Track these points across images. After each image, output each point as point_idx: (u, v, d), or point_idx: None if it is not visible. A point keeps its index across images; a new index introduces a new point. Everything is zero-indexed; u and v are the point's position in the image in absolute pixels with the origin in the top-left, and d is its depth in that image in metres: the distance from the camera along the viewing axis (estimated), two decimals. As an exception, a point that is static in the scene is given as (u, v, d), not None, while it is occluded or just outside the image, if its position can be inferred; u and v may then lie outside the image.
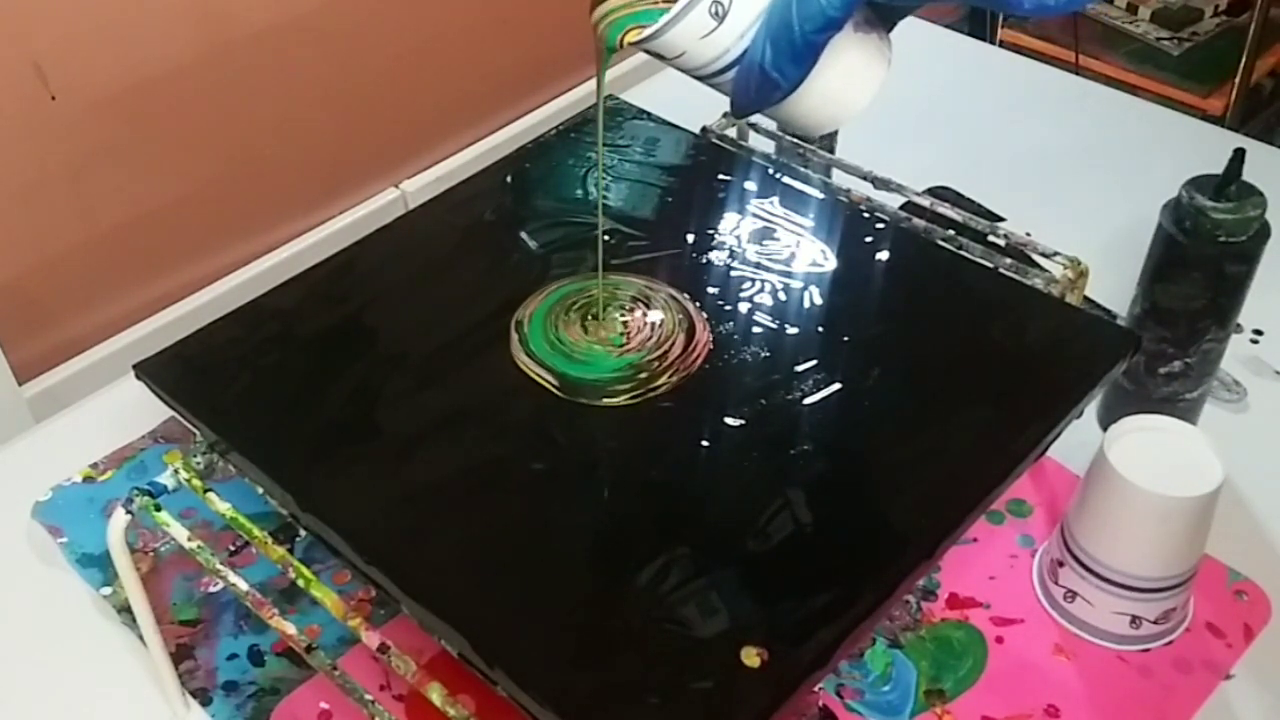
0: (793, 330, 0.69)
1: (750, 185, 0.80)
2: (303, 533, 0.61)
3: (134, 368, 0.67)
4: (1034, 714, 0.66)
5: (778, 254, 0.74)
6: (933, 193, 0.96)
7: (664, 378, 0.66)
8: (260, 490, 0.63)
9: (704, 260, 0.74)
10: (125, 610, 0.72)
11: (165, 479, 0.62)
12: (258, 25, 1.22)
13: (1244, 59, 1.75)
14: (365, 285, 0.74)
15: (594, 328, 0.69)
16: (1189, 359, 0.76)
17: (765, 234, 0.76)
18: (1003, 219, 0.99)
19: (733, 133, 0.85)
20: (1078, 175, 1.06)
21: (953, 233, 0.75)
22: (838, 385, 0.65)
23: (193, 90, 1.19)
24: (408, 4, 1.35)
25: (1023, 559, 0.74)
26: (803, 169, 0.82)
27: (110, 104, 1.14)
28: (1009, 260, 0.74)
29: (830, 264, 0.74)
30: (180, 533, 0.61)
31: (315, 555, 0.71)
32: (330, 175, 1.38)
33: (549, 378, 0.66)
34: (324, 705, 0.67)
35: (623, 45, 0.55)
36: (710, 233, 0.76)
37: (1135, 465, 0.65)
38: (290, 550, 0.66)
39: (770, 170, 0.81)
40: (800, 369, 0.66)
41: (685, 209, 0.79)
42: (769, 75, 0.49)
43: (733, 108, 0.52)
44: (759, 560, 0.57)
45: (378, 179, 1.44)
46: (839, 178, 0.82)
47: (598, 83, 0.63)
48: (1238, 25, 1.88)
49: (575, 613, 0.56)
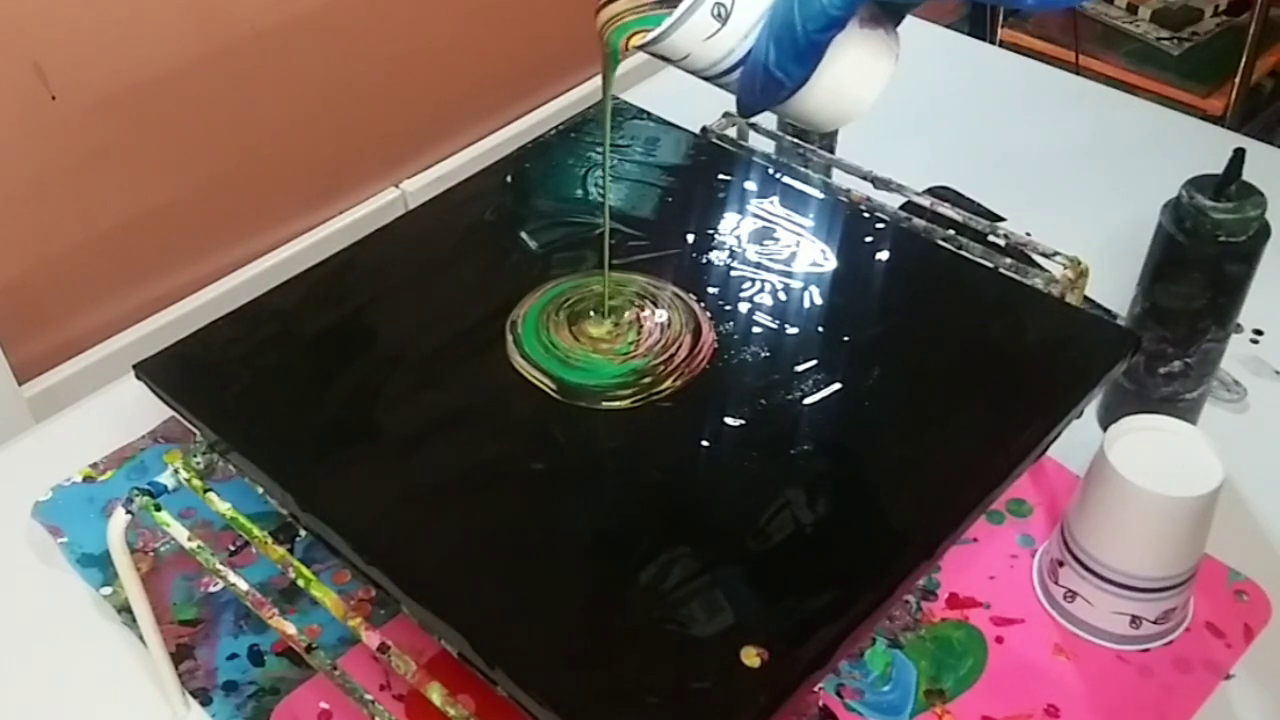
0: (793, 330, 0.69)
1: (750, 185, 0.80)
2: (303, 533, 0.61)
3: (134, 368, 0.67)
4: (1034, 714, 0.66)
5: (778, 254, 0.74)
6: (933, 193, 0.96)
7: (668, 381, 0.65)
8: (260, 490, 0.63)
9: (704, 260, 0.74)
10: (125, 610, 0.72)
11: (165, 479, 0.62)
12: (258, 25, 1.22)
13: (1244, 59, 1.75)
14: (365, 285, 0.74)
15: (593, 329, 0.69)
16: (1189, 359, 0.76)
17: (765, 234, 0.76)
18: (1003, 219, 0.99)
19: (733, 133, 0.85)
20: (1078, 175, 1.06)
21: (953, 233, 0.75)
22: (837, 385, 0.65)
23: (193, 90, 1.19)
24: (408, 4, 1.35)
25: (1023, 559, 0.74)
26: (803, 169, 0.82)
27: (110, 104, 1.14)
28: (1009, 260, 0.74)
29: (830, 264, 0.74)
30: (180, 533, 0.61)
31: (315, 555, 0.71)
32: (330, 175, 1.38)
33: (546, 381, 0.66)
34: (324, 705, 0.67)
35: (628, 49, 0.55)
36: (710, 233, 0.76)
37: (1135, 465, 0.65)
38: (290, 550, 0.66)
39: (770, 170, 0.81)
40: (800, 369, 0.66)
41: (685, 209, 0.79)
42: (773, 75, 0.49)
43: (739, 107, 0.52)
44: (759, 560, 0.57)
45: (378, 179, 1.44)
46: (839, 177, 0.82)
47: (604, 87, 0.63)
48: (1238, 25, 1.88)
49: (575, 613, 0.56)
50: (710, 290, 0.71)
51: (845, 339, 0.69)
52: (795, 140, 0.87)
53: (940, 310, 0.71)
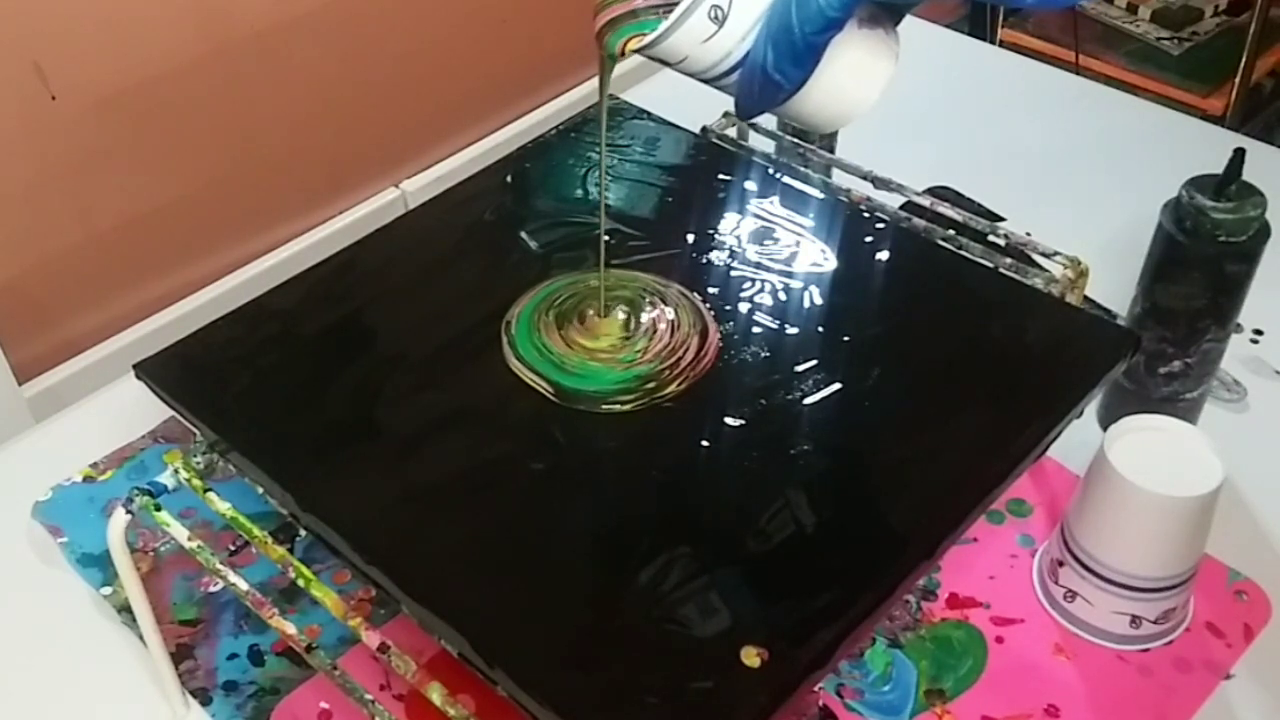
0: (793, 330, 0.69)
1: (750, 185, 0.80)
2: (303, 533, 0.61)
3: (134, 368, 0.67)
4: (1034, 714, 0.66)
5: (778, 254, 0.74)
6: (933, 192, 0.96)
7: (672, 386, 0.65)
8: (260, 490, 0.63)
9: (704, 260, 0.74)
10: (125, 610, 0.72)
11: (165, 479, 0.62)
12: (258, 25, 1.22)
13: (1244, 59, 1.75)
14: (365, 285, 0.74)
15: (589, 339, 0.68)
16: (1189, 359, 0.76)
17: (765, 234, 0.76)
18: (1003, 219, 0.99)
19: (733, 133, 0.85)
20: (1078, 175, 1.06)
21: (953, 233, 0.75)
22: (837, 385, 0.65)
23: (193, 90, 1.19)
24: (408, 4, 1.35)
25: (1023, 559, 0.74)
26: (803, 169, 0.82)
27: (110, 104, 1.14)
28: (1009, 260, 0.74)
29: (830, 264, 0.74)
30: (180, 532, 0.61)
31: (315, 555, 0.71)
32: (330, 175, 1.38)
33: (544, 384, 0.65)
34: (324, 705, 0.67)
35: (624, 54, 0.55)
36: (710, 233, 0.76)
37: (1135, 465, 0.65)
38: (290, 550, 0.66)
39: (770, 170, 0.81)
40: (800, 369, 0.66)
41: (685, 209, 0.79)
42: (771, 77, 0.49)
43: (737, 110, 0.52)
44: (759, 560, 0.57)
45: (378, 179, 1.43)
46: (839, 177, 0.82)
47: (600, 90, 0.63)
48: (1238, 25, 1.88)
49: (575, 613, 0.56)
50: (710, 290, 0.71)
51: (845, 339, 0.69)
52: (795, 140, 0.87)
53: (940, 310, 0.71)
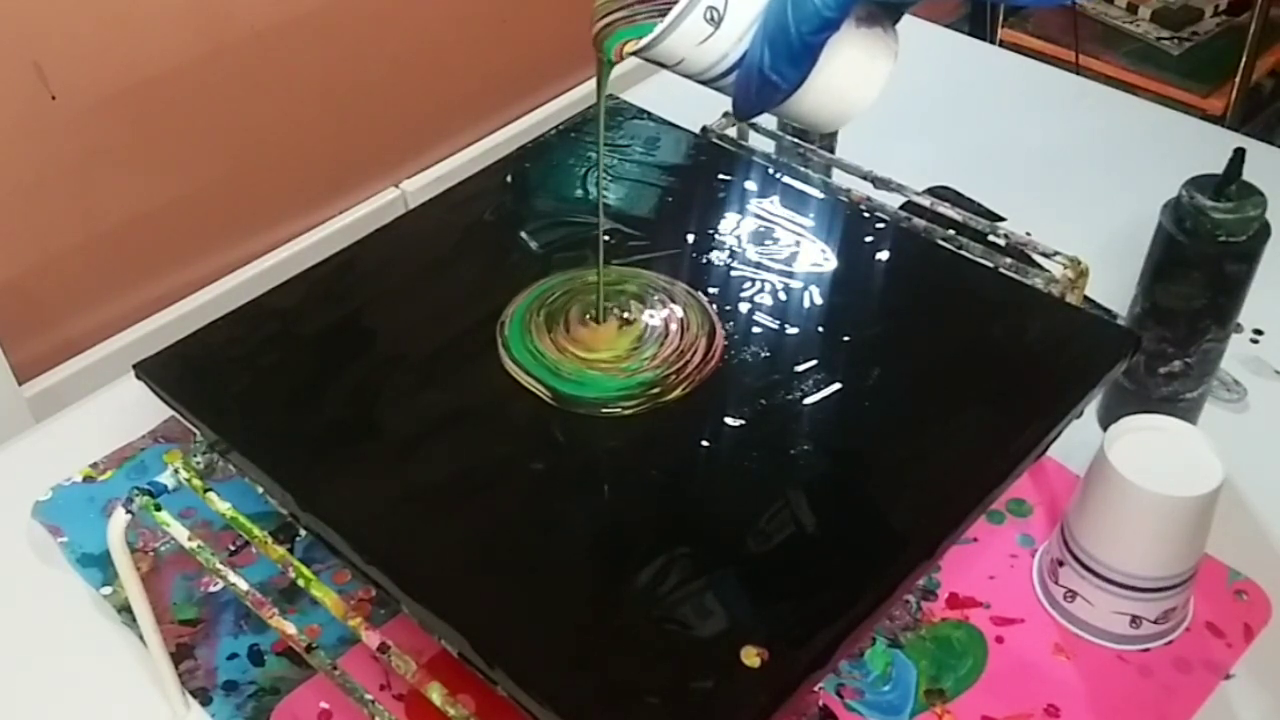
0: (792, 330, 0.69)
1: (750, 185, 0.80)
2: (303, 533, 0.61)
3: (134, 368, 0.67)
4: (1034, 714, 0.66)
5: (778, 254, 0.74)
6: (933, 192, 0.96)
7: (677, 390, 0.65)
8: (260, 490, 0.63)
9: (704, 260, 0.74)
10: (125, 610, 0.72)
11: (165, 479, 0.62)
12: (258, 25, 1.22)
13: (1244, 59, 1.75)
14: (365, 285, 0.74)
15: (585, 342, 0.67)
16: (1189, 359, 0.76)
17: (765, 234, 0.76)
18: (1003, 219, 0.99)
19: (733, 132, 0.85)
20: (1078, 175, 1.06)
21: (953, 233, 0.75)
22: (837, 385, 0.65)
23: (193, 90, 1.19)
24: (408, 4, 1.35)
25: (1023, 559, 0.74)
26: (803, 169, 0.82)
27: (110, 104, 1.14)
28: (1009, 260, 0.74)
29: (830, 264, 0.74)
30: (180, 532, 0.61)
31: (315, 555, 0.71)
32: (330, 175, 1.38)
33: (540, 388, 0.65)
34: (324, 705, 0.67)
35: (621, 57, 0.55)
36: (710, 233, 0.76)
37: (1135, 465, 0.65)
38: (290, 550, 0.66)
39: (770, 170, 0.81)
40: (799, 369, 0.66)
41: (685, 209, 0.79)
42: (768, 78, 0.49)
43: (735, 111, 0.52)
44: (759, 560, 0.57)
45: (378, 179, 1.44)
46: (839, 177, 0.82)
47: (598, 93, 0.63)
48: (1238, 25, 1.88)
49: (575, 613, 0.56)
50: (711, 290, 0.71)
51: (845, 339, 0.69)
52: (795, 140, 0.87)
53: (940, 310, 0.71)
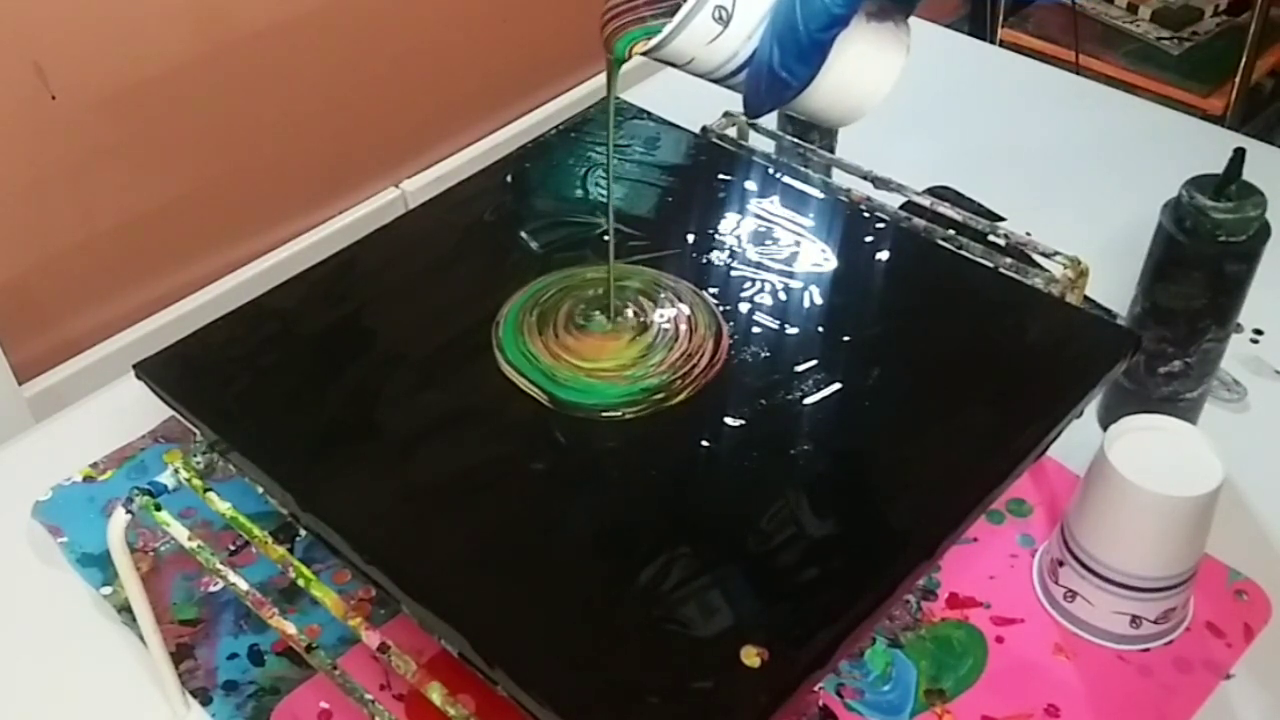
0: (793, 330, 0.69)
1: (750, 185, 0.80)
2: (303, 533, 0.61)
3: (134, 367, 0.67)
4: (1034, 714, 0.66)
5: (778, 254, 0.74)
6: (933, 192, 0.96)
7: (682, 394, 0.65)
8: (260, 490, 0.63)
9: (704, 260, 0.74)
10: (125, 610, 0.72)
11: (165, 479, 0.62)
12: (258, 25, 1.22)
13: (1244, 59, 1.75)
14: (365, 285, 0.74)
15: (584, 352, 0.67)
16: (1189, 359, 0.76)
17: (765, 234, 0.76)
18: (1003, 219, 0.99)
19: (733, 132, 0.85)
20: (1078, 175, 1.06)
21: (953, 233, 0.75)
22: (837, 385, 0.65)
23: (193, 90, 1.19)
24: (408, 4, 1.35)
25: (1023, 559, 0.74)
26: (803, 169, 0.82)
27: (110, 104, 1.14)
28: (1009, 260, 0.74)
29: (830, 264, 0.74)
30: (180, 532, 0.61)
31: (315, 555, 0.71)
32: (330, 175, 1.38)
33: (537, 391, 0.65)
34: (324, 705, 0.67)
35: (631, 57, 0.55)
36: (710, 233, 0.76)
37: (1135, 465, 0.65)
38: (290, 550, 0.66)
39: (770, 170, 0.81)
40: (799, 369, 0.66)
41: (685, 209, 0.79)
42: (778, 75, 0.49)
43: (746, 108, 0.52)
44: (759, 560, 0.57)
45: (378, 179, 1.43)
46: (839, 177, 0.82)
47: (608, 93, 0.63)
48: (1238, 25, 1.88)
49: (576, 612, 0.56)
50: (711, 291, 0.71)
51: (845, 339, 0.69)
52: (795, 140, 0.87)
53: (940, 310, 0.71)
